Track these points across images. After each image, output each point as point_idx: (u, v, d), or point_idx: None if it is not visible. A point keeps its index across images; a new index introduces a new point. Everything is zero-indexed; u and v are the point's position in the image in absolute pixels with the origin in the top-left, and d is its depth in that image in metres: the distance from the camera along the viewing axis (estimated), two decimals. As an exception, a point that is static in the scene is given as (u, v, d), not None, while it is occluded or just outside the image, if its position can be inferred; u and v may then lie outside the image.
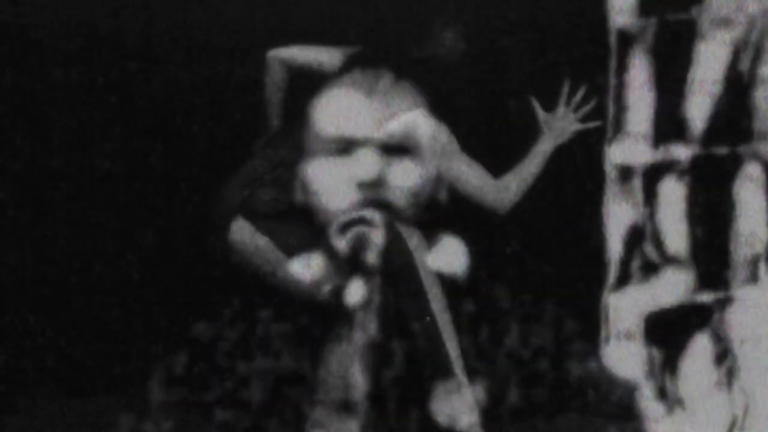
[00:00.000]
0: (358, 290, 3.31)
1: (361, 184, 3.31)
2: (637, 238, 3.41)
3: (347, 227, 3.31)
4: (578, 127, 3.42)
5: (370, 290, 3.30)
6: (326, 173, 3.33)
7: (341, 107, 3.37)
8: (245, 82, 3.87)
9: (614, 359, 3.39)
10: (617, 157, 3.42)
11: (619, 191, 3.43)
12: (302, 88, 3.51)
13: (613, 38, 3.42)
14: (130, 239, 4.03)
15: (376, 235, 3.31)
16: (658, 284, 3.39)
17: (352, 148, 3.32)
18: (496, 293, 3.74)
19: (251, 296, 3.72)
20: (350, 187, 3.32)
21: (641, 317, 3.40)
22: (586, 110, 3.43)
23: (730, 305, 3.34)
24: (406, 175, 3.35)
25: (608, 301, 3.42)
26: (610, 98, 3.38)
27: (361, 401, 3.32)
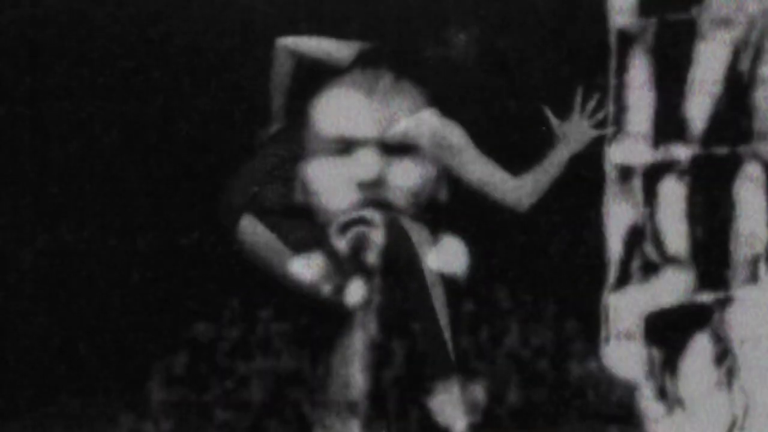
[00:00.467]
0: (358, 290, 3.30)
1: (361, 183, 3.30)
2: (637, 238, 3.41)
3: (347, 227, 3.30)
4: (594, 133, 3.38)
5: (370, 290, 3.30)
6: (326, 173, 3.33)
7: (341, 107, 3.36)
8: (252, 77, 3.84)
9: (614, 359, 3.39)
10: (617, 157, 3.42)
11: (619, 191, 3.43)
12: (308, 84, 3.49)
13: (613, 38, 3.42)
14: (131, 239, 4.01)
15: (376, 235, 3.30)
16: (657, 284, 3.39)
17: (352, 148, 3.31)
18: (496, 293, 3.74)
19: (254, 296, 3.71)
20: (350, 187, 3.31)
21: (641, 317, 3.40)
22: (600, 117, 3.39)
23: (730, 305, 3.34)
24: (406, 174, 3.34)
25: (608, 301, 3.41)
26: (610, 98, 3.39)
27: (361, 401, 3.32)
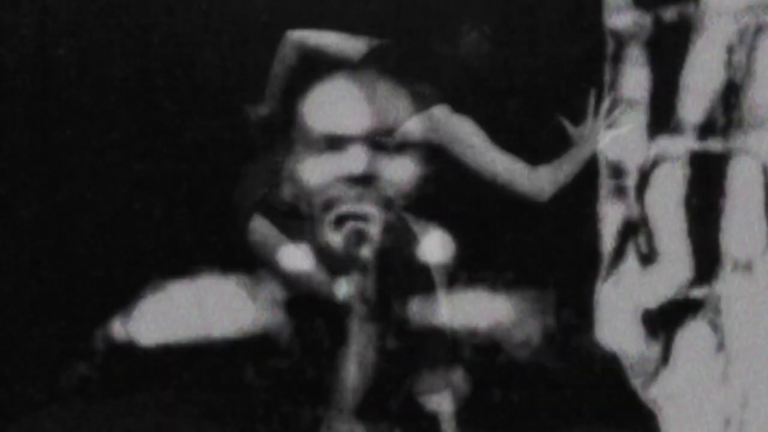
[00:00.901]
0: (350, 285, 3.31)
1: (349, 179, 3.29)
2: (631, 233, 3.42)
3: (341, 222, 3.30)
4: (613, 133, 3.38)
5: (364, 285, 3.29)
6: (316, 169, 3.32)
7: (331, 103, 3.36)
8: (260, 78, 3.83)
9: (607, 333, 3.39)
10: (612, 153, 3.43)
11: (613, 187, 3.43)
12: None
13: (608, 35, 3.43)
14: (133, 240, 4.01)
15: (371, 229, 3.30)
16: (651, 279, 3.39)
17: (340, 144, 3.31)
18: (491, 288, 3.74)
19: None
20: (342, 182, 3.31)
21: (636, 312, 3.40)
22: (615, 116, 3.38)
23: (725, 300, 3.35)
24: (395, 171, 3.34)
25: (602, 296, 3.42)
26: (605, 95, 3.40)
27: (360, 401, 3.33)
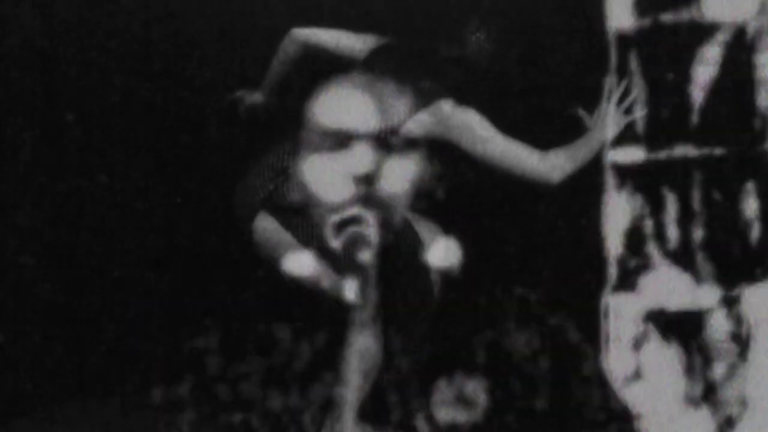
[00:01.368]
0: (351, 289, 3.28)
1: (356, 178, 3.28)
2: (636, 238, 3.39)
3: (342, 227, 3.28)
4: (627, 119, 3.37)
5: (365, 289, 3.27)
6: (322, 168, 3.31)
7: (339, 102, 3.34)
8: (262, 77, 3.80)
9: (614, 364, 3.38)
10: (617, 156, 3.41)
11: (618, 191, 3.41)
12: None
13: (611, 39, 3.42)
14: (136, 240, 3.99)
15: (371, 233, 3.28)
16: (657, 284, 3.37)
17: (347, 142, 3.29)
18: (494, 292, 3.72)
19: (263, 297, 3.69)
20: (346, 181, 3.29)
21: (641, 318, 3.38)
22: (629, 101, 3.38)
23: (738, 303, 3.33)
24: (402, 170, 3.33)
25: (608, 301, 3.39)
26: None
27: (361, 402, 3.29)
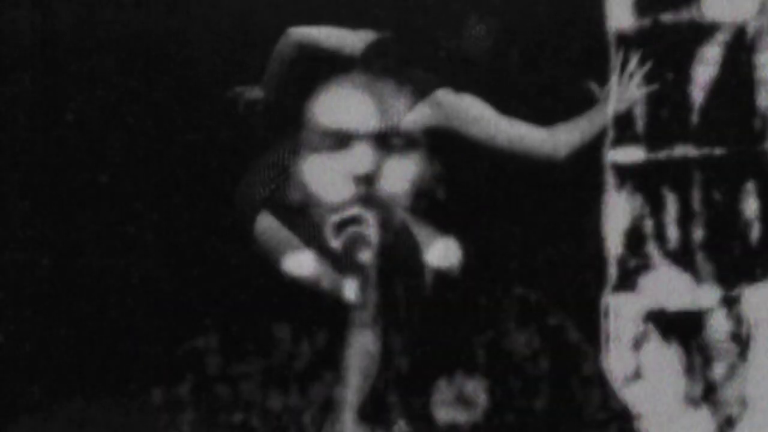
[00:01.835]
0: (351, 289, 3.28)
1: (356, 178, 3.27)
2: (636, 238, 3.39)
3: (342, 227, 3.28)
4: (639, 92, 3.37)
5: (365, 289, 3.27)
6: (322, 168, 3.30)
7: (338, 102, 3.34)
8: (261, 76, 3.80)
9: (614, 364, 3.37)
10: (617, 156, 3.41)
11: (618, 191, 3.41)
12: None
13: (611, 38, 3.41)
14: (136, 240, 3.98)
15: (371, 234, 3.28)
16: (657, 284, 3.37)
17: (348, 142, 3.29)
18: (494, 292, 3.72)
19: (263, 297, 3.69)
20: (346, 181, 3.29)
21: (642, 318, 3.38)
22: (641, 74, 3.36)
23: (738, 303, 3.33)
24: (402, 170, 3.33)
25: (608, 301, 3.39)
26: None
27: (361, 402, 3.29)
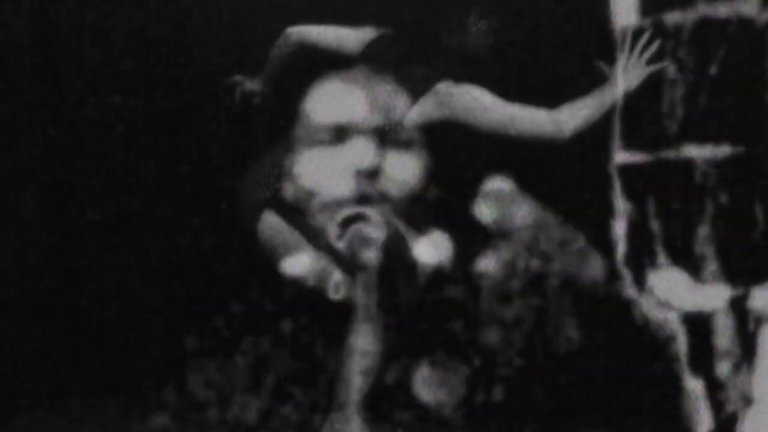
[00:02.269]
0: (354, 286, 3.28)
1: (359, 173, 3.26)
2: (642, 238, 3.39)
3: (346, 224, 3.28)
4: (648, 70, 3.36)
5: (367, 287, 3.27)
6: (324, 164, 3.29)
7: (338, 97, 3.33)
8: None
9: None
10: (622, 157, 3.40)
11: (623, 191, 3.41)
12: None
13: (617, 38, 3.41)
14: (136, 240, 3.97)
15: (375, 232, 3.27)
16: (663, 284, 3.37)
17: (347, 137, 3.28)
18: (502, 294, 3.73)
19: (264, 299, 3.69)
20: (348, 176, 3.28)
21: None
22: (651, 51, 3.35)
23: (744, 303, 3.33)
24: (403, 166, 3.32)
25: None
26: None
27: (362, 401, 3.29)
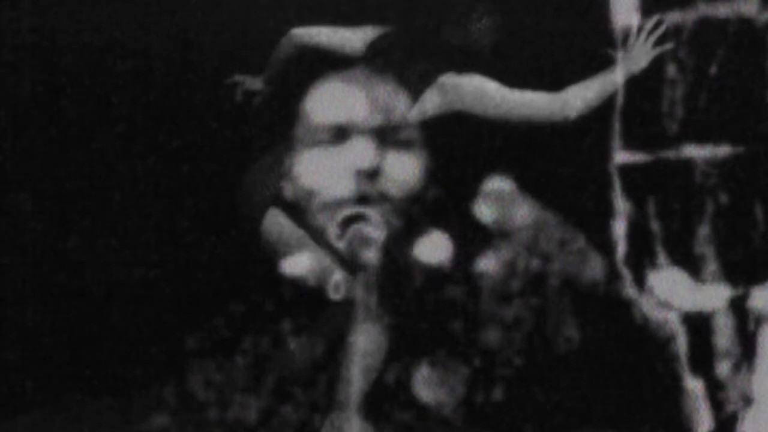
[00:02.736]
0: (353, 286, 3.27)
1: (359, 173, 3.25)
2: (641, 238, 3.38)
3: (346, 224, 3.27)
4: (653, 52, 3.35)
5: (367, 287, 3.26)
6: (324, 164, 3.28)
7: (340, 97, 3.33)
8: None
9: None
10: (622, 156, 3.40)
11: (623, 191, 3.41)
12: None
13: (617, 37, 3.41)
14: (136, 240, 3.96)
15: (374, 232, 3.27)
16: (663, 284, 3.37)
17: (348, 136, 3.27)
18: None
19: (262, 295, 3.68)
20: (348, 176, 3.27)
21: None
22: (659, 33, 3.35)
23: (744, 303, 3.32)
24: (402, 166, 3.31)
25: None
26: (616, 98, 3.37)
27: (362, 401, 3.28)
